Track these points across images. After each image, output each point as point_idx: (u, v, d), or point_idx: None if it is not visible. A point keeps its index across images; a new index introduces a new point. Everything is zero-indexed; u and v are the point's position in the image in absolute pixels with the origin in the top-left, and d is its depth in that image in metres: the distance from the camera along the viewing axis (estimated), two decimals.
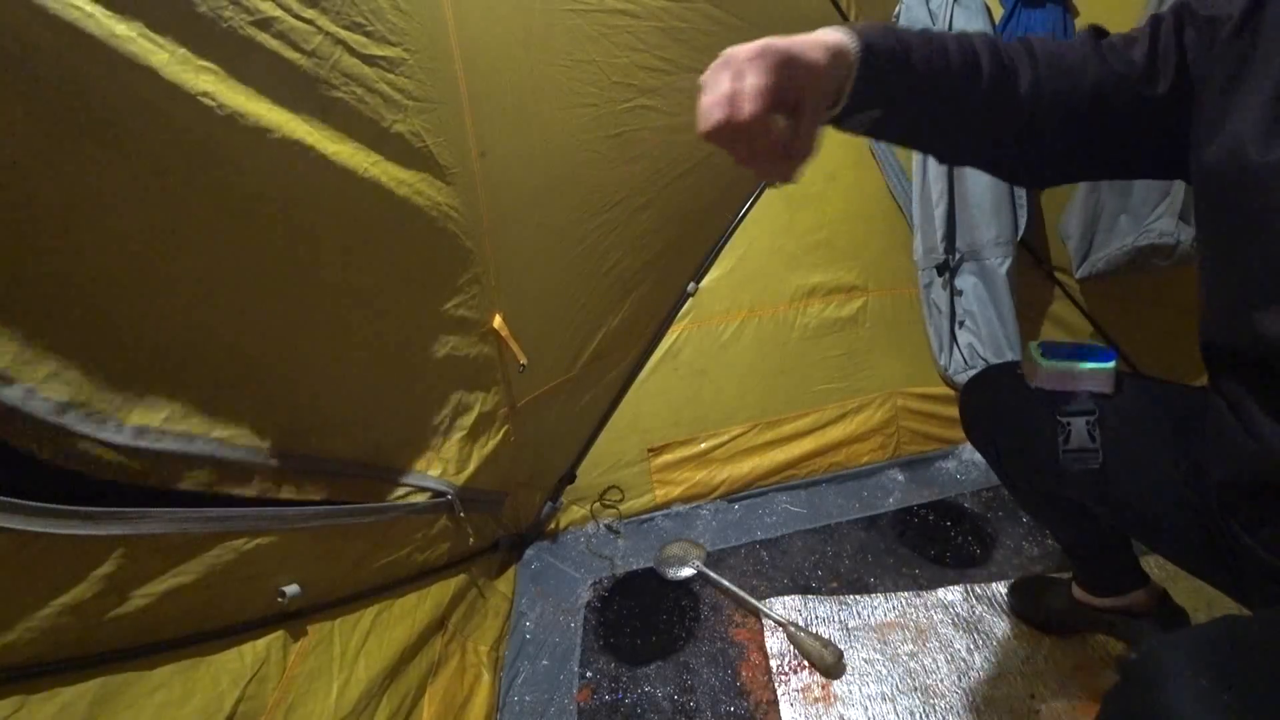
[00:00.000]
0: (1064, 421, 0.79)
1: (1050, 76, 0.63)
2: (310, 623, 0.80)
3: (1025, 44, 0.64)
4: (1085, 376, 0.81)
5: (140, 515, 0.59)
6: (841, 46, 0.56)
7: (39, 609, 0.52)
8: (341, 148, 0.77)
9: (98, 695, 0.56)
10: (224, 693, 0.66)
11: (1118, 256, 1.30)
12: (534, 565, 1.43)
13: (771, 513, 1.50)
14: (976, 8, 1.43)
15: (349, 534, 0.88)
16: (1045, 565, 1.25)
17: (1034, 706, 1.00)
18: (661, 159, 1.30)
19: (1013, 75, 0.63)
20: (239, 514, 0.69)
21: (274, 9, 0.67)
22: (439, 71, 0.90)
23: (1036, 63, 0.63)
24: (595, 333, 1.38)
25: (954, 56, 0.61)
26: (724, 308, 1.54)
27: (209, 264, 0.68)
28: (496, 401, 1.18)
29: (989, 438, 0.91)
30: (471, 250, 1.03)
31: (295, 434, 0.82)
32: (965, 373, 1.55)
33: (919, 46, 0.60)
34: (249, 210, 0.70)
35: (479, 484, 1.16)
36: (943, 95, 0.62)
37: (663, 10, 1.16)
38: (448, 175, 0.94)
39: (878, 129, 0.64)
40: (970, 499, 1.48)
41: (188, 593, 0.64)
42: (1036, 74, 0.63)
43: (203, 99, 0.61)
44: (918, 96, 0.61)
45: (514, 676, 1.17)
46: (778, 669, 1.12)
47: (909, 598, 1.22)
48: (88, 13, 0.52)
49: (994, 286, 1.52)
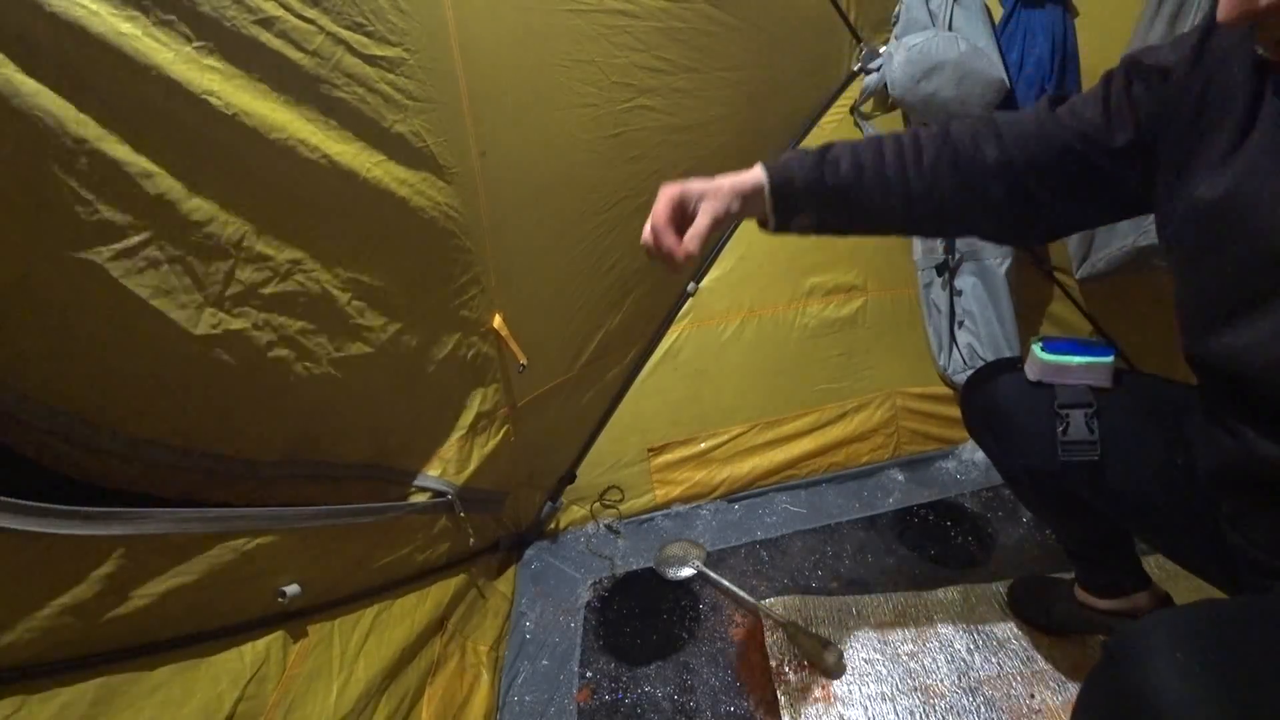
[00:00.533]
0: (1063, 413, 0.80)
1: (1018, 146, 0.71)
2: (310, 623, 0.80)
3: (989, 122, 0.74)
4: (1084, 370, 0.82)
5: (140, 515, 0.59)
6: (756, 184, 0.74)
7: (39, 609, 0.52)
8: (345, 148, 0.77)
9: (97, 695, 0.56)
10: (223, 693, 0.66)
11: (1118, 256, 1.30)
12: (534, 565, 1.42)
13: (771, 513, 1.50)
14: (976, 8, 1.43)
15: (349, 534, 0.88)
16: (1045, 565, 1.25)
17: (1034, 706, 1.00)
18: (661, 159, 1.30)
19: (977, 150, 0.72)
20: (239, 514, 0.69)
21: (276, 9, 0.67)
22: (439, 71, 0.90)
23: (1002, 137, 0.72)
24: (595, 333, 1.38)
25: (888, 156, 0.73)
26: (724, 308, 1.54)
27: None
28: (496, 401, 1.18)
29: (989, 431, 0.92)
30: (471, 250, 1.03)
31: (304, 442, 0.83)
32: (965, 373, 1.55)
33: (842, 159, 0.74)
34: (250, 209, 0.70)
35: (479, 484, 1.16)
36: (872, 197, 0.74)
37: (662, 10, 1.17)
38: (448, 175, 0.94)
39: (828, 228, 0.78)
40: (970, 499, 1.48)
41: (188, 593, 0.64)
42: (1003, 146, 0.72)
43: (207, 98, 0.61)
44: (843, 205, 0.75)
45: (514, 676, 1.17)
46: (778, 669, 1.12)
47: (909, 598, 1.22)
48: (92, 10, 0.52)
49: (993, 287, 1.53)
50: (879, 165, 0.73)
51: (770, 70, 1.39)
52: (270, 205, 0.71)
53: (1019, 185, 0.72)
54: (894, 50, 1.43)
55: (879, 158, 0.74)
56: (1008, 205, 0.73)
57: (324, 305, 0.80)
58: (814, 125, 1.55)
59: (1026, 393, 0.85)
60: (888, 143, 0.74)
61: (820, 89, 1.54)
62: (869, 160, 0.74)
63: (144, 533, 0.59)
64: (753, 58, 1.34)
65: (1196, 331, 0.64)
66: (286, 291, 0.74)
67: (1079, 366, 0.82)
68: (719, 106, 1.33)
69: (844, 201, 0.74)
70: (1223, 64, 0.59)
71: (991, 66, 1.38)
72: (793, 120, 1.54)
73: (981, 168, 0.72)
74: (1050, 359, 0.83)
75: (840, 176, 0.73)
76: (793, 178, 0.74)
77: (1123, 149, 0.67)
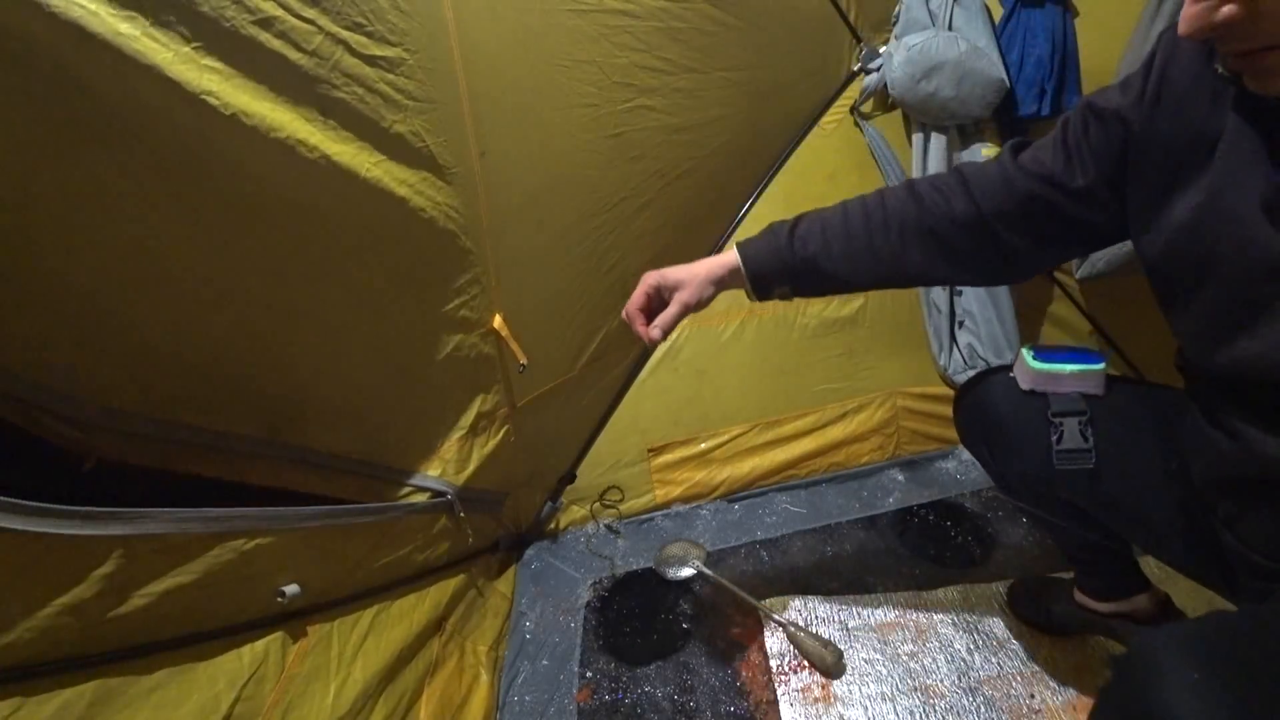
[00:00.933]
0: (1056, 422, 0.80)
1: (984, 197, 0.74)
2: (309, 623, 0.80)
3: (956, 174, 0.77)
4: (1075, 378, 0.82)
5: (140, 515, 0.59)
6: (732, 267, 0.82)
7: (39, 609, 0.52)
8: (344, 148, 0.77)
9: (96, 695, 0.55)
10: (221, 693, 0.66)
11: (1118, 256, 1.30)
12: (534, 565, 1.42)
13: (771, 513, 1.50)
14: (976, 8, 1.43)
15: (349, 534, 0.88)
16: (1045, 565, 1.25)
17: (1034, 707, 1.00)
18: (661, 159, 1.30)
19: (946, 203, 0.75)
20: (239, 514, 0.69)
21: (275, 9, 0.67)
22: (439, 71, 0.90)
23: (969, 189, 0.75)
24: (595, 333, 1.38)
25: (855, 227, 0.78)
26: (724, 308, 1.54)
27: (207, 261, 0.68)
28: (496, 401, 1.18)
29: (983, 441, 0.92)
30: (471, 250, 1.03)
31: (285, 421, 0.82)
32: (965, 373, 1.55)
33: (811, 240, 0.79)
34: (249, 208, 0.70)
35: (479, 484, 1.16)
36: (841, 267, 0.79)
37: (662, 10, 1.17)
38: (448, 175, 0.94)
39: (808, 294, 0.84)
40: (970, 499, 1.48)
41: (187, 593, 0.64)
42: (970, 198, 0.74)
43: (206, 98, 0.61)
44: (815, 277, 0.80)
45: (514, 676, 1.17)
46: (778, 669, 1.12)
47: (909, 598, 1.22)
48: (91, 10, 0.52)
49: (994, 287, 1.52)
50: (846, 236, 0.78)
51: (770, 70, 1.39)
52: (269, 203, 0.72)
53: (988, 235, 0.74)
54: (894, 50, 1.43)
55: (846, 229, 0.78)
56: (979, 255, 0.76)
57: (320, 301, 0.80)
58: (814, 125, 1.55)
59: (1020, 402, 0.85)
60: (854, 211, 0.79)
61: (820, 89, 1.54)
62: (837, 232, 0.79)
63: (143, 533, 0.59)
64: (753, 58, 1.34)
65: (1201, 348, 0.64)
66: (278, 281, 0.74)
67: (1071, 374, 0.82)
68: (719, 107, 1.34)
69: (816, 274, 0.80)
70: (1181, 103, 0.60)
71: (991, 66, 1.38)
72: (793, 120, 1.54)
73: (949, 222, 0.75)
74: (1042, 368, 0.83)
75: (809, 251, 0.79)
76: (765, 258, 0.81)
77: (1085, 190, 0.69)
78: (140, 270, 0.63)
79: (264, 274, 0.75)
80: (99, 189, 0.58)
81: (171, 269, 0.65)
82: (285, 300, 0.78)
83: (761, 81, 1.38)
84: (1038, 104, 1.40)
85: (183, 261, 0.66)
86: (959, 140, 1.49)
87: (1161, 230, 0.63)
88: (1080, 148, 0.69)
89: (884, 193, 0.79)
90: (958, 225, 0.75)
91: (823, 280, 0.81)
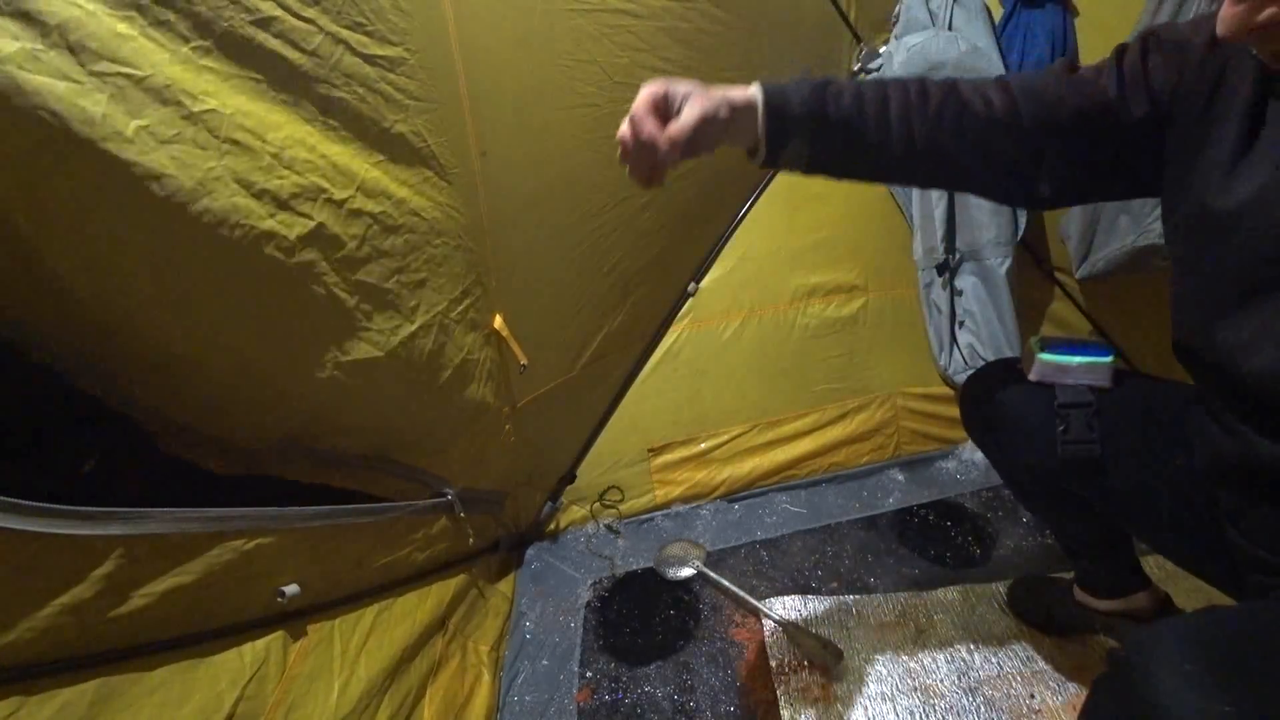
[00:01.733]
0: (1063, 413, 0.80)
1: (1028, 105, 0.68)
2: (310, 623, 0.80)
3: (1000, 80, 0.70)
4: (1084, 370, 0.82)
5: (140, 515, 0.59)
6: (750, 99, 0.67)
7: (39, 609, 0.52)
8: (343, 148, 0.76)
9: (97, 695, 0.55)
10: (223, 693, 0.66)
11: (1118, 257, 1.30)
12: (534, 565, 1.42)
13: (771, 513, 1.50)
14: (976, 8, 1.43)
15: (349, 534, 0.88)
16: (1045, 565, 1.25)
17: (1034, 706, 1.00)
18: None
19: (986, 105, 0.68)
20: (239, 514, 0.69)
21: (274, 9, 0.66)
22: (439, 71, 0.90)
23: (1011, 93, 0.68)
24: (595, 333, 1.38)
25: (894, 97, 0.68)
26: (724, 308, 1.54)
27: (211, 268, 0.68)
28: (497, 401, 1.18)
29: (990, 431, 0.92)
30: (472, 250, 1.03)
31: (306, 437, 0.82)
32: (965, 373, 1.55)
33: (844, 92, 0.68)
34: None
35: (479, 484, 1.16)
36: (872, 135, 0.68)
37: (664, 10, 1.16)
38: (449, 175, 0.94)
39: (822, 166, 0.72)
40: (970, 499, 1.48)
41: (188, 593, 0.64)
42: (1013, 102, 0.68)
43: (203, 98, 0.61)
44: (841, 139, 0.69)
45: (514, 676, 1.17)
46: (778, 669, 1.12)
47: (909, 598, 1.22)
48: (89, 11, 0.52)
49: (994, 286, 1.52)
50: (883, 103, 0.68)
51: (771, 70, 1.39)
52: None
53: (1028, 142, 0.68)
54: (894, 50, 1.43)
55: (883, 96, 0.69)
56: (1014, 162, 0.70)
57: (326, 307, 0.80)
58: None
59: (1027, 392, 0.85)
60: (893, 84, 0.70)
61: None
62: (873, 97, 0.68)
63: (144, 533, 0.59)
64: (754, 58, 1.34)
65: (1190, 323, 0.64)
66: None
67: (1079, 366, 0.82)
68: None
69: (843, 135, 0.68)
70: (1236, 55, 0.59)
71: (991, 66, 1.38)
72: None
73: (989, 121, 0.68)
74: (1051, 359, 0.83)
75: (842, 108, 0.68)
76: (790, 100, 0.67)
77: (1139, 121, 0.65)
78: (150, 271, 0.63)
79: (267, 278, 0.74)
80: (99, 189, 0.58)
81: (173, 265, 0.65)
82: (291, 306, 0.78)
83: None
84: None
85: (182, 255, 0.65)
86: None
87: (1194, 187, 0.61)
88: (1137, 77, 0.65)
89: (924, 79, 0.70)
90: (996, 125, 0.68)
91: (847, 146, 0.69)
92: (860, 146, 0.69)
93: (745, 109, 0.67)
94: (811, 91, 0.68)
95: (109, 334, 0.62)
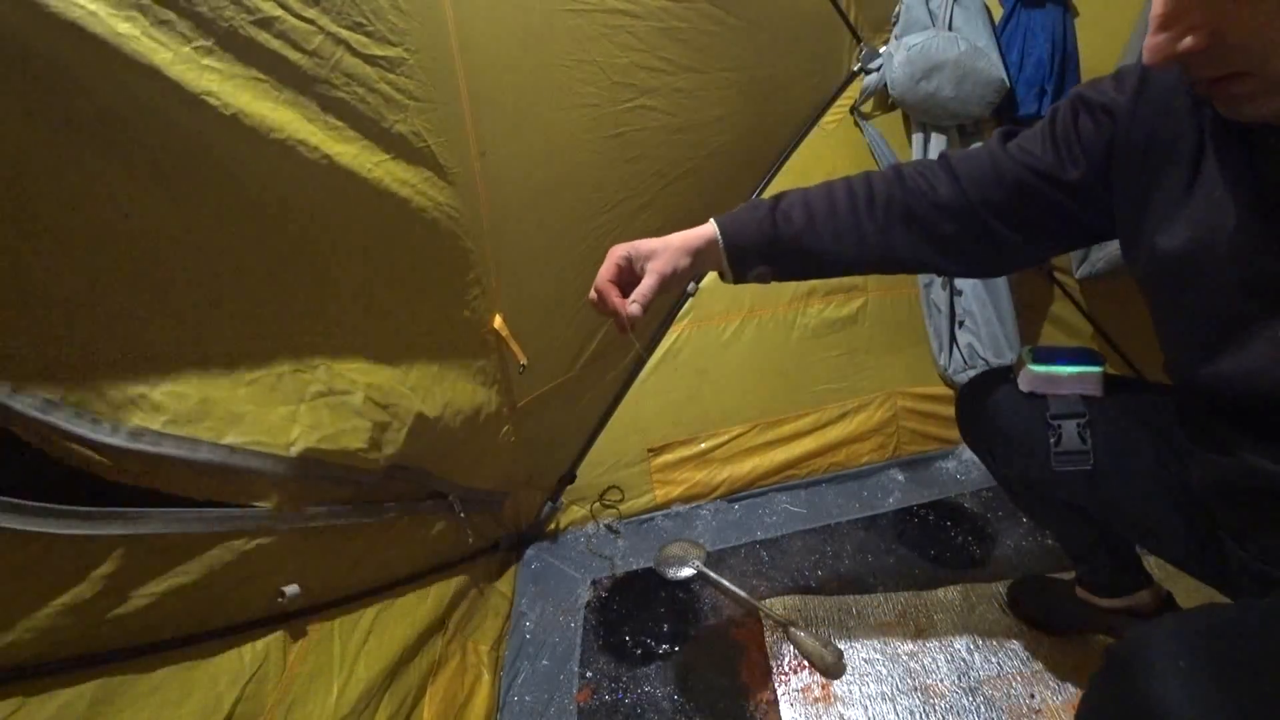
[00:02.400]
0: (1055, 424, 0.80)
1: (970, 183, 0.71)
2: (310, 623, 0.80)
3: (942, 161, 0.74)
4: (1075, 381, 0.82)
5: (140, 515, 0.59)
6: (708, 238, 0.76)
7: (38, 609, 0.52)
8: (345, 148, 0.77)
9: (97, 695, 0.55)
10: (223, 693, 0.66)
11: (1117, 256, 1.30)
12: (534, 565, 1.42)
13: (771, 513, 1.50)
14: (976, 8, 1.43)
15: (349, 534, 0.88)
16: (1045, 565, 1.25)
17: (1034, 706, 1.00)
18: (662, 159, 1.30)
19: (930, 188, 0.72)
20: (239, 514, 0.69)
21: (275, 9, 0.67)
22: (439, 71, 0.90)
23: (955, 174, 0.72)
24: (595, 333, 1.38)
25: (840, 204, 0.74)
26: (724, 308, 1.54)
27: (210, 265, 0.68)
28: (497, 402, 1.18)
29: (984, 442, 0.92)
30: (472, 250, 1.03)
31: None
32: (965, 373, 1.55)
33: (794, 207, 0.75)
34: (251, 211, 0.70)
35: (479, 484, 1.16)
36: (826, 246, 0.74)
37: (663, 10, 1.16)
38: (449, 175, 0.94)
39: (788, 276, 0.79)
40: (970, 499, 1.48)
41: (188, 593, 0.64)
42: (956, 182, 0.71)
43: (206, 98, 0.61)
44: (797, 255, 0.75)
45: (514, 676, 1.17)
46: (778, 669, 1.12)
47: (909, 598, 1.22)
48: (90, 10, 0.52)
49: (993, 286, 1.52)
50: (831, 213, 0.74)
51: (771, 70, 1.39)
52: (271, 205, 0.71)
53: (974, 223, 0.72)
54: (894, 50, 1.43)
55: (831, 206, 0.74)
56: (964, 243, 0.73)
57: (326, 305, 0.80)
58: (814, 125, 1.55)
59: (1019, 404, 0.85)
60: (839, 190, 0.75)
61: (820, 89, 1.54)
62: (821, 209, 0.74)
63: (144, 533, 0.59)
64: (753, 58, 1.34)
65: (1181, 363, 0.65)
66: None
67: (1070, 377, 0.82)
68: (720, 107, 1.34)
69: (798, 252, 0.74)
70: (1165, 101, 0.59)
71: (991, 66, 1.38)
72: (793, 120, 1.54)
73: (935, 208, 0.72)
74: (1041, 370, 0.83)
75: (793, 228, 0.74)
76: (745, 231, 0.75)
77: (1077, 184, 0.67)
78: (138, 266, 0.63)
79: (264, 271, 0.74)
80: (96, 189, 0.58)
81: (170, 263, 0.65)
82: (286, 297, 0.78)
83: (762, 81, 1.38)
84: (1038, 104, 1.41)
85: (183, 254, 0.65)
86: (959, 140, 1.49)
87: (1144, 239, 0.62)
88: (1070, 140, 0.66)
89: (870, 175, 0.76)
90: (943, 211, 0.72)
91: (805, 260, 0.76)
92: (816, 257, 0.75)
93: (708, 247, 0.76)
94: (764, 218, 0.75)
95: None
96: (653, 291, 0.72)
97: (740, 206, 0.77)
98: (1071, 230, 0.72)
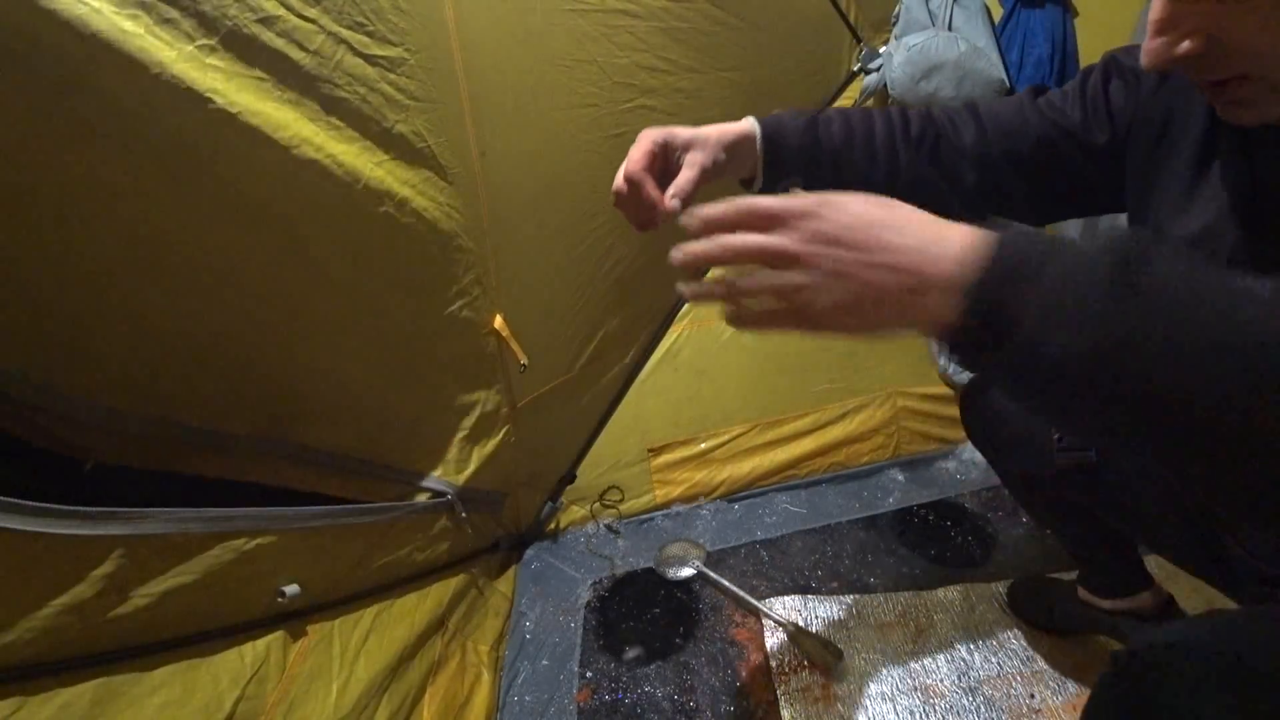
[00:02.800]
0: None
1: (996, 133, 0.70)
2: (310, 622, 0.80)
3: (970, 107, 0.72)
4: None
5: (140, 515, 0.59)
6: (746, 134, 0.69)
7: (39, 609, 0.52)
8: (348, 147, 0.77)
9: (97, 695, 0.55)
10: (223, 692, 0.66)
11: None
12: (534, 565, 1.42)
13: (771, 513, 1.50)
14: (976, 8, 1.43)
15: (349, 534, 0.88)
16: (1045, 565, 1.25)
17: (1034, 706, 1.00)
18: None
19: (955, 132, 0.71)
20: (239, 514, 0.69)
21: (277, 8, 0.67)
22: (440, 71, 0.90)
23: (981, 122, 0.70)
24: (595, 333, 1.38)
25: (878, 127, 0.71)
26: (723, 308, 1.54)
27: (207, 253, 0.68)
28: (497, 401, 1.18)
29: (987, 441, 0.92)
30: (473, 250, 1.03)
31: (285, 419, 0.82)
32: (965, 373, 1.55)
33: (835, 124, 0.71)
34: (251, 205, 0.70)
35: (479, 484, 1.16)
36: (860, 166, 0.71)
37: (664, 10, 1.16)
38: (449, 175, 0.94)
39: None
40: (970, 499, 1.48)
41: (188, 593, 0.64)
42: (982, 130, 0.70)
43: (210, 96, 0.61)
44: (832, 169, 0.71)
45: (514, 676, 1.17)
46: (778, 669, 1.12)
47: (909, 598, 1.22)
48: (95, 8, 0.52)
49: None
50: (869, 135, 0.71)
51: (771, 70, 1.39)
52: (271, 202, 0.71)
53: (991, 175, 0.70)
54: (894, 50, 1.43)
55: (869, 130, 0.71)
56: (978, 193, 0.71)
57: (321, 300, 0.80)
58: None
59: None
60: (877, 117, 0.73)
61: (820, 89, 1.54)
62: (861, 130, 0.71)
63: (144, 533, 0.59)
64: (754, 58, 1.34)
65: None
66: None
67: None
68: (720, 107, 1.33)
69: (833, 165, 0.71)
70: (1187, 83, 0.59)
71: (991, 66, 1.38)
72: None
73: (958, 151, 0.70)
74: None
75: (833, 141, 0.70)
76: (784, 133, 0.69)
77: (1100, 148, 0.66)
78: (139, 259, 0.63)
79: (263, 268, 0.74)
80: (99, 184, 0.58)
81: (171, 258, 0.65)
82: (285, 295, 0.78)
83: (762, 81, 1.38)
84: None
85: (183, 251, 0.65)
86: None
87: (1152, 218, 0.62)
88: (1098, 102, 0.65)
89: (904, 109, 0.74)
90: (965, 156, 0.70)
91: (839, 175, 0.71)
92: (848, 176, 0.71)
93: (742, 141, 0.68)
94: (806, 126, 0.70)
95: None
96: (693, 185, 0.64)
97: (779, 111, 0.72)
98: (1083, 196, 0.71)
